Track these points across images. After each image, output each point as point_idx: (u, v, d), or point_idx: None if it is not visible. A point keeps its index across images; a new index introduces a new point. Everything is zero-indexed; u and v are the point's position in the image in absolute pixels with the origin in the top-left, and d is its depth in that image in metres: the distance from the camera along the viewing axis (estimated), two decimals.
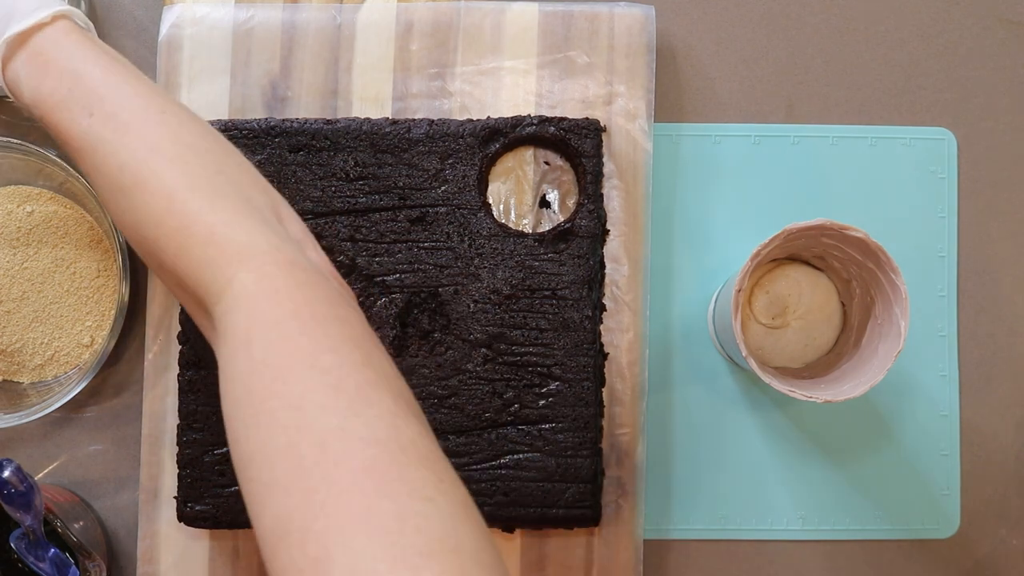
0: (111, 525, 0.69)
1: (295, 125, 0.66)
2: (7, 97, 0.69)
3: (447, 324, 0.65)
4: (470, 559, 0.37)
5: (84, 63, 0.52)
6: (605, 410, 0.66)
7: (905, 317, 0.59)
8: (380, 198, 0.65)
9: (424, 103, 0.69)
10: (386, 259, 0.65)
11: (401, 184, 0.65)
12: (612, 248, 0.67)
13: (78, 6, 0.67)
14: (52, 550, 0.58)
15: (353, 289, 0.64)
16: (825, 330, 0.66)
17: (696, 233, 0.70)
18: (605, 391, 0.66)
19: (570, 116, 0.67)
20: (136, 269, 0.69)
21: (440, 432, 0.64)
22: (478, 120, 0.66)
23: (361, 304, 0.64)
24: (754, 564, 0.69)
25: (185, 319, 0.65)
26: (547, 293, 0.65)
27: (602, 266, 0.66)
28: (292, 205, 0.64)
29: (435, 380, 0.64)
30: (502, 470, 0.64)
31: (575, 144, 0.66)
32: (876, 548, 0.69)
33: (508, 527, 0.66)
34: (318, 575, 0.37)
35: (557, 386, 0.64)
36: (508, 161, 0.68)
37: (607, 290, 0.67)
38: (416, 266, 0.65)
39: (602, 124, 0.67)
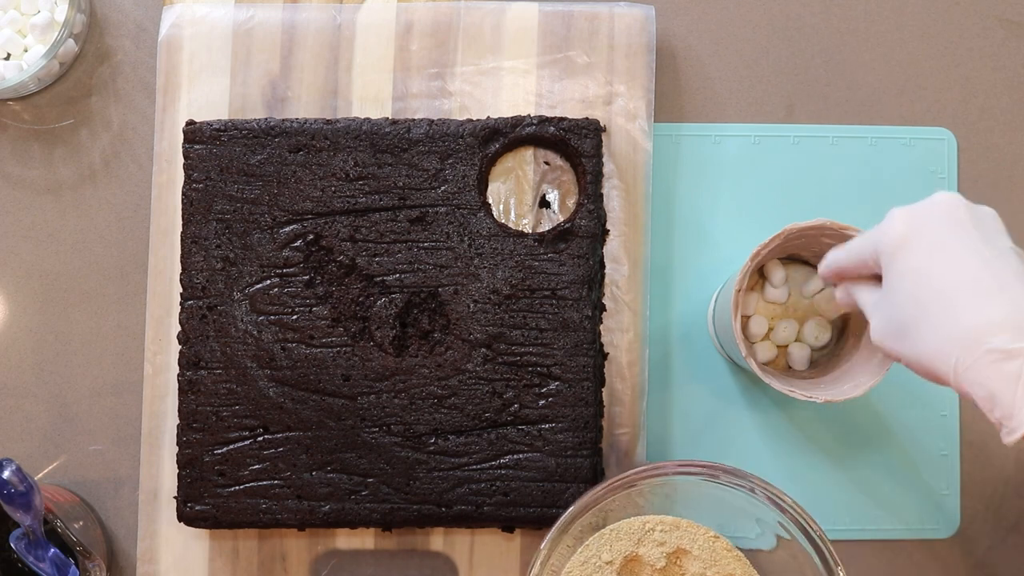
0: (111, 525, 0.69)
1: (295, 125, 0.66)
2: (8, 100, 0.69)
3: (447, 324, 0.65)
4: None
5: None
6: (605, 410, 0.66)
7: None
8: (380, 198, 0.65)
9: (424, 103, 0.69)
10: (386, 259, 0.65)
11: (401, 184, 0.65)
12: (612, 248, 0.67)
13: (78, 6, 0.67)
14: (52, 550, 0.58)
15: (353, 289, 0.65)
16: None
17: (696, 233, 0.70)
18: (605, 391, 0.66)
19: (570, 116, 0.67)
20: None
21: (440, 432, 0.64)
22: (478, 120, 0.66)
23: (361, 304, 0.65)
24: None
25: (185, 319, 0.65)
26: (547, 293, 0.65)
27: (602, 266, 0.66)
28: (292, 205, 0.65)
29: (435, 380, 0.64)
30: (502, 470, 0.64)
31: (575, 144, 0.66)
32: (876, 548, 0.69)
33: (508, 527, 0.66)
34: None
35: (557, 386, 0.64)
36: (508, 161, 0.68)
37: (607, 290, 0.67)
38: (416, 266, 0.65)
39: (602, 124, 0.67)
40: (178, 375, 0.65)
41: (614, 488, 0.58)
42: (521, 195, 0.67)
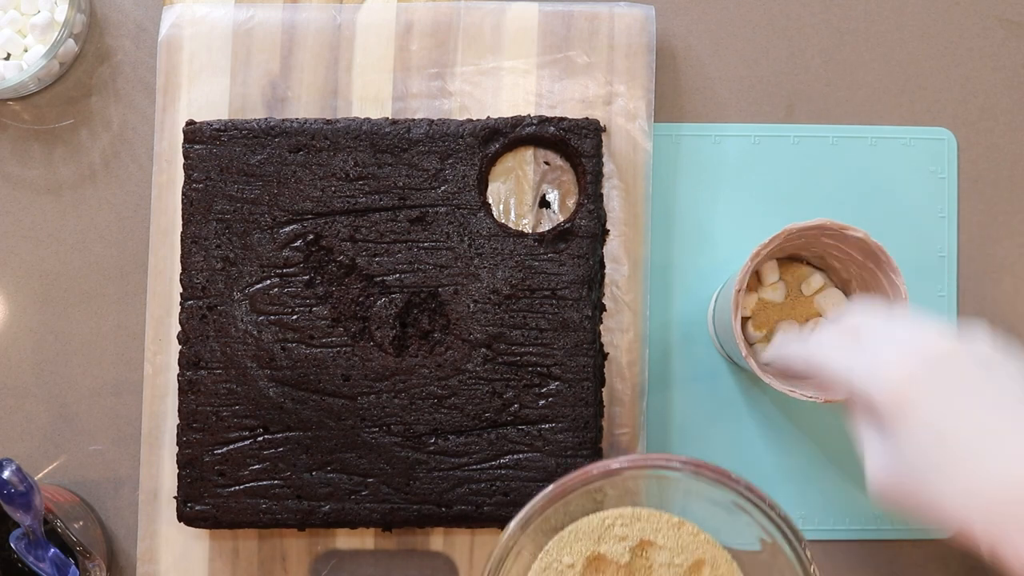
0: (111, 525, 0.69)
1: (295, 125, 0.66)
2: (8, 100, 0.69)
3: (447, 324, 0.65)
4: None
5: None
6: (605, 410, 0.66)
7: None
8: (380, 198, 0.65)
9: (424, 103, 0.69)
10: (386, 259, 0.65)
11: (401, 184, 0.65)
12: (612, 248, 0.67)
13: (78, 6, 0.67)
14: (52, 550, 0.58)
15: (353, 289, 0.65)
16: None
17: (696, 233, 0.70)
18: (605, 391, 0.66)
19: (570, 116, 0.67)
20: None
21: (440, 432, 0.64)
22: (478, 120, 0.66)
23: (361, 304, 0.65)
24: None
25: (185, 319, 0.65)
26: (547, 293, 0.65)
27: (602, 266, 0.67)
28: (292, 205, 0.65)
29: (435, 380, 0.64)
30: (502, 470, 0.64)
31: (575, 144, 0.66)
32: (876, 548, 0.69)
33: None
34: None
35: (557, 386, 0.64)
36: (508, 161, 0.68)
37: (607, 290, 0.67)
38: (416, 266, 0.65)
39: (602, 124, 0.67)
40: (178, 375, 0.65)
41: (570, 487, 0.55)
42: (521, 195, 0.68)
